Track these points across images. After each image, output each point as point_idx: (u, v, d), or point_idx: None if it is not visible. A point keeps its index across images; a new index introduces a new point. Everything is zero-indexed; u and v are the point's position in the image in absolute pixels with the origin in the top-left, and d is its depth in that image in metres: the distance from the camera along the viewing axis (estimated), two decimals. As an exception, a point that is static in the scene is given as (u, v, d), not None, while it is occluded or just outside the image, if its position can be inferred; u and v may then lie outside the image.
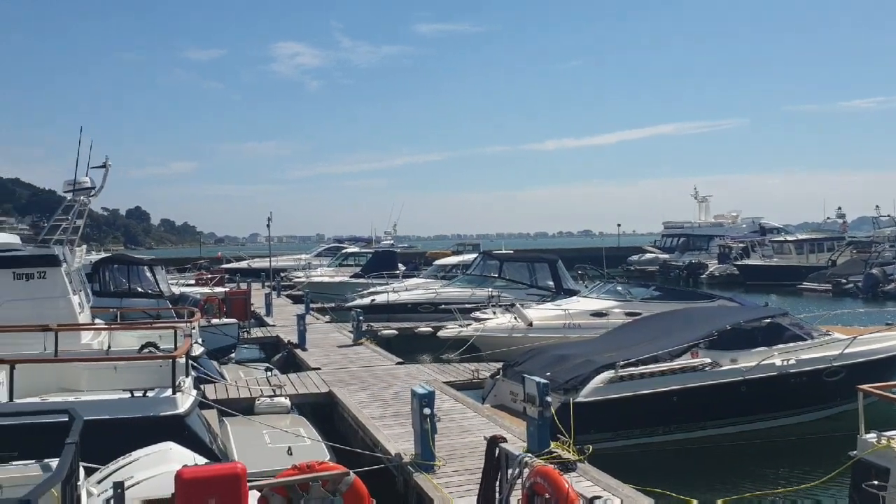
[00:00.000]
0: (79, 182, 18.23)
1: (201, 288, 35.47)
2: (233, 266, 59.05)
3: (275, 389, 16.00)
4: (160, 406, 10.81)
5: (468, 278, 33.88)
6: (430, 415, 10.28)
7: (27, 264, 14.83)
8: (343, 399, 15.36)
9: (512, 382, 14.79)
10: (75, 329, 14.79)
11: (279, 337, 26.22)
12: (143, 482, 7.00)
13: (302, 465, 6.59)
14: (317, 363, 20.10)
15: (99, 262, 24.61)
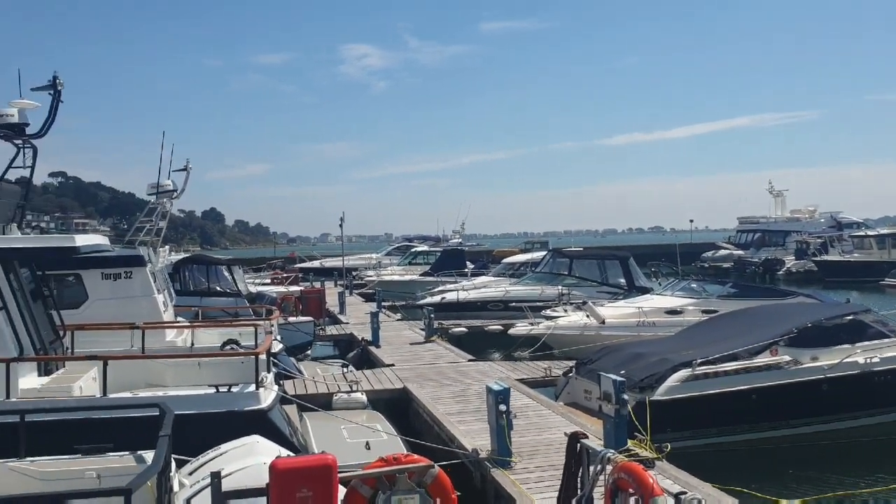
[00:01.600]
0: (161, 185, 18.92)
1: (277, 287, 36.31)
2: (306, 265, 60.21)
3: (351, 385, 16.30)
4: (244, 401, 11.16)
5: (537, 276, 33.78)
6: (505, 411, 10.35)
7: (114, 264, 15.46)
8: (418, 395, 15.57)
9: (586, 380, 14.75)
10: (160, 327, 15.37)
11: (353, 334, 26.66)
12: (233, 474, 7.25)
13: (388, 458, 6.76)
14: (390, 360, 20.39)
15: (180, 262, 25.44)
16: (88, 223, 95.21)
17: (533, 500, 9.17)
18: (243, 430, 9.16)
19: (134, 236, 19.33)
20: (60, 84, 12.84)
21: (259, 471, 7.19)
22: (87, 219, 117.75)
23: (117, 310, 15.09)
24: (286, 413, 12.67)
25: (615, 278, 31.61)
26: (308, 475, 5.76)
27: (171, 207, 19.64)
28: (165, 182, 19.29)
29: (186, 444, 8.57)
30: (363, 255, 67.20)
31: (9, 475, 7.53)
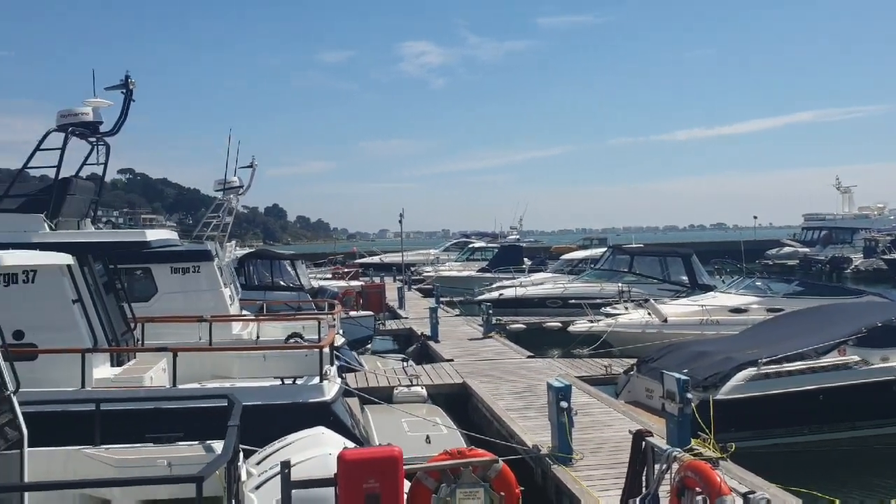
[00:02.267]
0: (228, 182, 19.36)
1: (338, 282, 36.76)
2: (366, 261, 60.82)
3: (411, 379, 16.46)
4: (308, 393, 11.38)
5: (597, 273, 33.48)
6: (567, 408, 10.34)
7: (183, 259, 15.91)
8: (477, 390, 15.63)
9: (647, 379, 14.60)
10: (227, 320, 15.75)
11: (412, 329, 26.87)
12: (300, 464, 7.40)
13: (453, 451, 6.84)
14: (449, 355, 20.50)
15: (244, 257, 25.96)
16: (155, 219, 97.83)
17: (596, 498, 9.15)
18: (308, 422, 9.35)
19: (201, 231, 19.84)
20: (132, 83, 13.27)
21: (325, 462, 7.33)
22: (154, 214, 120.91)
23: (185, 303, 15.52)
24: (349, 405, 12.88)
25: (677, 276, 31.12)
26: (375, 466, 5.87)
27: (237, 203, 20.10)
28: (232, 179, 19.75)
29: (252, 435, 8.77)
30: (421, 251, 67.60)
31: (85, 461, 7.83)
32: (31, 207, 12.18)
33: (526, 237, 79.31)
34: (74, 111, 12.69)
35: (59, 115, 12.67)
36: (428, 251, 66.81)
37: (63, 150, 12.53)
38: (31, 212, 12.09)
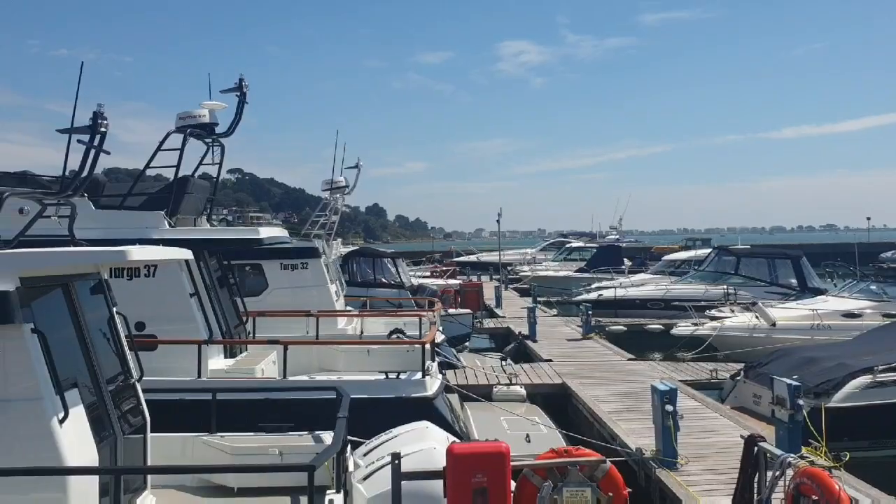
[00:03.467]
0: (335, 181, 19.89)
1: (436, 280, 37.15)
2: (463, 259, 61.20)
3: (510, 378, 16.51)
4: (411, 388, 11.60)
5: (701, 274, 32.67)
6: (672, 412, 10.17)
7: (292, 256, 16.45)
8: (577, 391, 15.54)
9: (755, 384, 14.19)
10: (333, 315, 16.20)
11: (509, 328, 26.89)
12: (406, 457, 7.56)
13: (560, 450, 6.87)
14: (548, 355, 20.44)
15: (348, 255, 26.59)
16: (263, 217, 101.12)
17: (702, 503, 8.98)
18: (410, 416, 9.53)
19: (309, 229, 20.46)
20: (246, 86, 13.82)
21: (430, 455, 7.47)
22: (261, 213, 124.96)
23: (293, 298, 16.04)
24: (449, 401, 13.04)
25: (785, 278, 30.06)
26: (483, 461, 5.95)
27: (343, 203, 20.62)
28: (338, 179, 20.30)
29: (357, 427, 9.01)
30: (518, 251, 67.47)
31: (202, 447, 8.23)
32: (153, 205, 12.85)
33: (626, 237, 77.85)
34: (192, 113, 13.32)
35: (178, 117, 13.32)
36: (525, 250, 66.65)
37: (182, 150, 13.18)
38: (152, 209, 12.76)
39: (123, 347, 7.64)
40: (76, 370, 6.63)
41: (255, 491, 7.71)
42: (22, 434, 5.93)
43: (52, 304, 6.68)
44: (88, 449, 6.31)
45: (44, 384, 5.99)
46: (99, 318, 7.35)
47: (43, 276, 6.53)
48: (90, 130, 6.86)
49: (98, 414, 6.72)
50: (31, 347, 5.98)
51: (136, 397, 7.64)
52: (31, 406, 5.95)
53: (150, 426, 7.69)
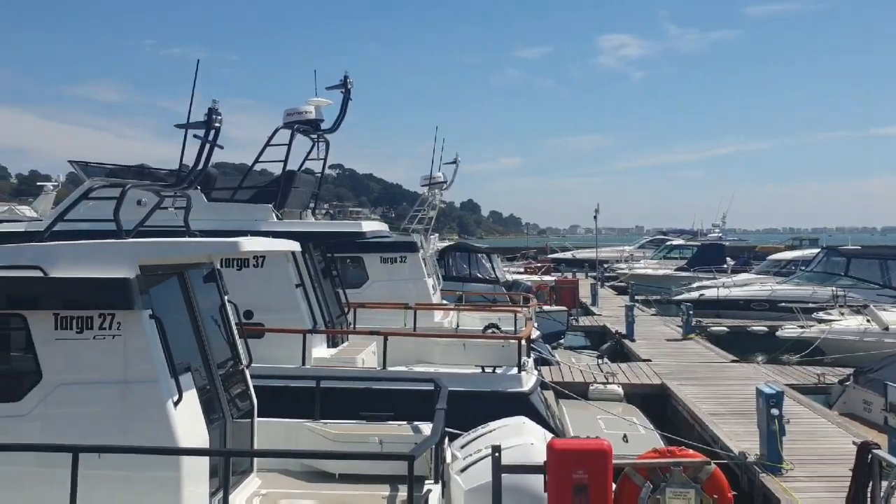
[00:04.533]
0: (433, 177, 20.12)
1: (531, 276, 37.02)
2: (558, 256, 60.72)
3: (607, 377, 16.32)
4: (507, 383, 11.64)
5: (808, 275, 31.42)
6: (778, 416, 9.87)
7: (392, 249, 16.77)
8: (677, 392, 15.23)
9: (866, 390, 13.59)
10: (430, 308, 16.41)
11: (606, 326, 26.56)
12: (504, 451, 7.60)
13: (663, 450, 6.77)
14: (646, 354, 20.09)
15: (444, 250, 26.86)
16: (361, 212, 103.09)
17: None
18: (506, 411, 9.56)
19: (407, 224, 20.79)
20: (350, 83, 14.11)
21: (527, 451, 7.49)
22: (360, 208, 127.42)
23: (392, 291, 16.34)
24: (545, 397, 13.01)
25: (899, 280, 28.57)
26: (584, 458, 5.93)
27: (440, 198, 20.84)
28: (437, 174, 20.53)
29: (453, 419, 9.09)
30: (615, 248, 66.46)
31: (306, 433, 8.48)
32: (261, 198, 13.29)
33: (728, 235, 75.63)
34: (299, 110, 13.69)
35: (286, 113, 13.71)
36: (622, 248, 65.57)
37: (289, 146, 13.56)
38: (260, 203, 13.21)
39: (234, 334, 7.95)
40: (190, 355, 6.96)
41: (355, 478, 7.89)
42: (139, 415, 6.27)
43: (168, 291, 7.03)
44: (200, 431, 6.60)
45: (160, 368, 6.31)
46: (211, 306, 7.68)
47: (160, 264, 6.88)
48: (205, 126, 7.16)
49: (209, 397, 7.03)
50: (148, 332, 6.31)
51: (244, 383, 7.94)
52: (148, 388, 6.27)
53: (257, 411, 8.00)
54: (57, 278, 6.29)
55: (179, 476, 6.18)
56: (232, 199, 13.21)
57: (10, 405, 6.34)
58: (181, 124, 7.12)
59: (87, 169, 13.08)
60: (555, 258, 57.94)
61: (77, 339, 6.27)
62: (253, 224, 12.11)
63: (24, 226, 14.01)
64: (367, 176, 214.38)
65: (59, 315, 6.28)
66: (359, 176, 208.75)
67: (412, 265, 16.76)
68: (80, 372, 6.29)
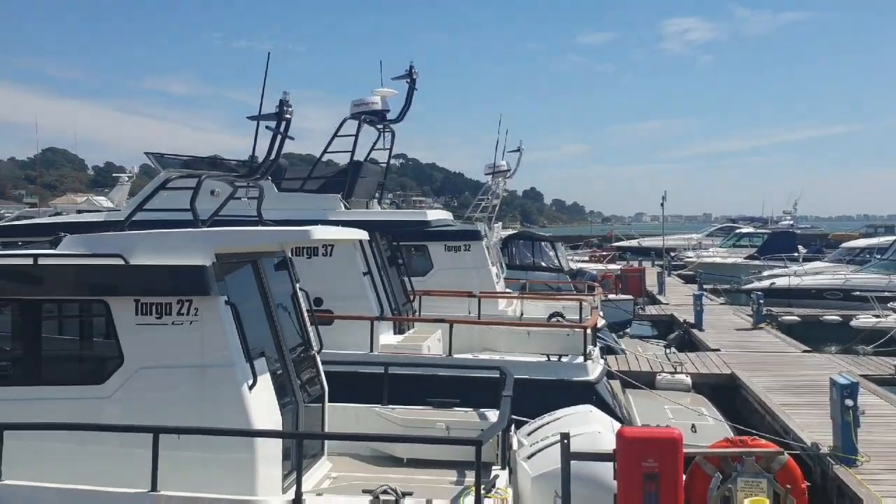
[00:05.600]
0: (497, 165, 20.11)
1: (595, 264, 36.72)
2: (623, 244, 60.00)
3: (675, 367, 16.12)
4: (573, 371, 11.62)
5: (884, 263, 30.41)
6: (852, 407, 9.63)
7: (456, 238, 16.85)
8: (748, 382, 14.96)
9: (947, 382, 13.12)
10: (494, 297, 16.46)
11: (673, 315, 26.19)
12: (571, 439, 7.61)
13: (735, 440, 6.70)
14: (715, 344, 19.77)
15: (507, 238, 26.83)
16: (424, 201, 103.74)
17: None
18: (571, 400, 9.56)
19: (471, 213, 20.85)
20: (416, 73, 14.21)
21: (594, 439, 7.48)
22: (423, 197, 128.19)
23: (456, 279, 16.44)
24: (611, 387, 12.94)
25: (982, 269, 27.44)
26: (655, 446, 5.91)
27: (504, 186, 20.81)
28: (500, 162, 20.52)
29: (518, 407, 9.11)
30: (682, 236, 65.35)
31: (374, 418, 8.64)
32: (329, 188, 13.52)
33: (800, 223, 73.54)
34: (366, 100, 13.85)
35: (353, 104, 13.89)
36: (690, 235, 64.43)
37: (357, 136, 13.75)
38: (329, 192, 13.43)
39: (305, 321, 8.15)
40: (263, 341, 7.16)
41: (422, 462, 8.01)
42: (215, 398, 6.48)
43: (242, 279, 7.24)
44: (273, 415, 6.80)
45: (235, 353, 6.52)
46: (283, 293, 7.88)
47: (235, 253, 7.09)
48: (276, 117, 7.31)
49: (282, 382, 7.23)
50: (224, 318, 6.51)
51: (315, 368, 8.13)
52: (224, 373, 6.49)
53: (327, 396, 8.18)
54: (137, 266, 6.54)
55: (254, 458, 6.37)
56: (301, 189, 13.46)
57: (94, 387, 6.63)
58: (253, 116, 7.28)
59: (162, 160, 13.48)
60: (620, 246, 57.24)
61: (156, 325, 6.51)
62: (321, 213, 12.31)
63: (104, 215, 14.54)
64: (430, 165, 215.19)
65: (139, 301, 6.54)
66: (422, 165, 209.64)
67: (476, 254, 16.81)
68: (159, 356, 6.53)
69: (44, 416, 6.42)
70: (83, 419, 6.41)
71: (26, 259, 6.85)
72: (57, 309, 7.21)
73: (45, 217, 21.43)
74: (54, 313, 7.24)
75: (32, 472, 6.24)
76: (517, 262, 25.32)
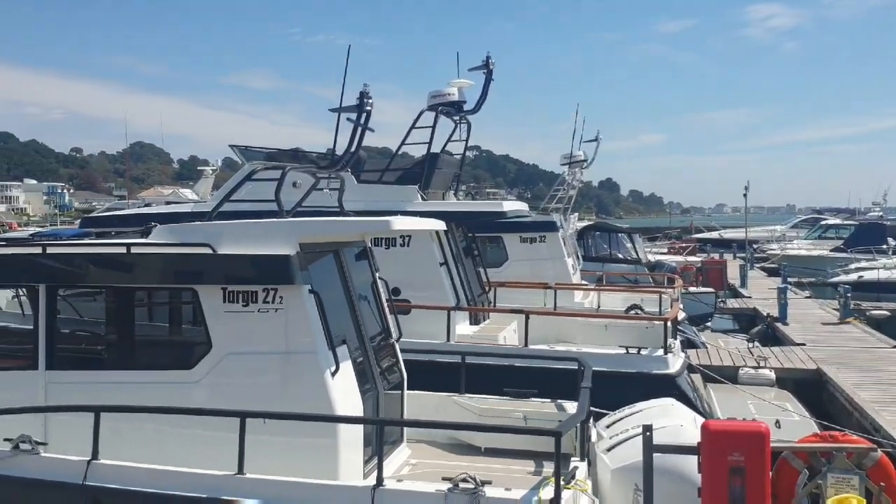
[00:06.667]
0: (574, 155, 19.93)
1: (674, 256, 36.02)
2: (703, 236, 58.67)
3: (758, 361, 15.70)
4: (653, 364, 11.45)
5: (981, 256, 28.97)
6: (949, 404, 9.20)
7: (531, 229, 16.77)
8: (834, 378, 14.48)
9: None
10: (570, 288, 16.33)
11: (756, 309, 25.50)
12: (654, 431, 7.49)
13: (824, 435, 6.50)
14: (800, 339, 19.16)
15: (583, 230, 26.52)
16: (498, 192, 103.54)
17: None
18: (651, 393, 9.39)
19: (547, 204, 20.72)
20: (492, 64, 14.19)
21: (676, 432, 7.34)
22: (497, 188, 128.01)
23: (531, 270, 16.37)
24: (692, 380, 12.70)
25: None
26: (741, 440, 5.77)
27: (581, 177, 20.60)
28: (577, 153, 20.32)
29: (596, 399, 9.04)
30: (765, 227, 63.51)
31: (452, 406, 8.69)
32: (407, 180, 13.66)
33: (889, 214, 70.54)
34: (442, 92, 13.92)
35: (430, 96, 13.98)
36: (773, 227, 62.55)
37: (434, 128, 13.85)
38: (406, 184, 13.57)
39: (385, 309, 8.25)
40: (345, 329, 7.28)
41: (499, 452, 8.03)
42: (299, 384, 6.64)
43: (325, 268, 7.38)
44: (355, 401, 6.92)
45: (319, 340, 6.66)
46: (363, 282, 8.01)
47: (318, 242, 7.23)
48: (357, 109, 7.41)
49: (362, 369, 7.35)
50: (308, 306, 6.65)
51: (394, 356, 8.24)
52: (308, 359, 6.63)
53: (406, 383, 8.27)
54: (225, 255, 6.73)
55: (336, 443, 6.50)
56: (380, 180, 13.63)
57: (184, 372, 6.87)
58: (335, 108, 7.40)
59: (246, 153, 13.83)
60: (700, 238, 55.99)
61: (243, 312, 6.70)
62: (399, 205, 12.44)
63: (191, 206, 15.01)
64: (504, 157, 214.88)
65: (226, 289, 6.73)
66: (495, 157, 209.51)
67: (551, 245, 16.69)
68: (245, 343, 6.72)
69: (136, 398, 6.69)
70: (172, 402, 6.65)
71: (120, 248, 7.14)
72: (148, 296, 7.51)
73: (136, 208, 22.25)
74: (146, 300, 7.54)
75: (125, 452, 6.50)
76: (593, 254, 25.03)
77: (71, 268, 7.22)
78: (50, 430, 6.86)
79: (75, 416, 6.64)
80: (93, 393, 6.82)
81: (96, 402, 6.58)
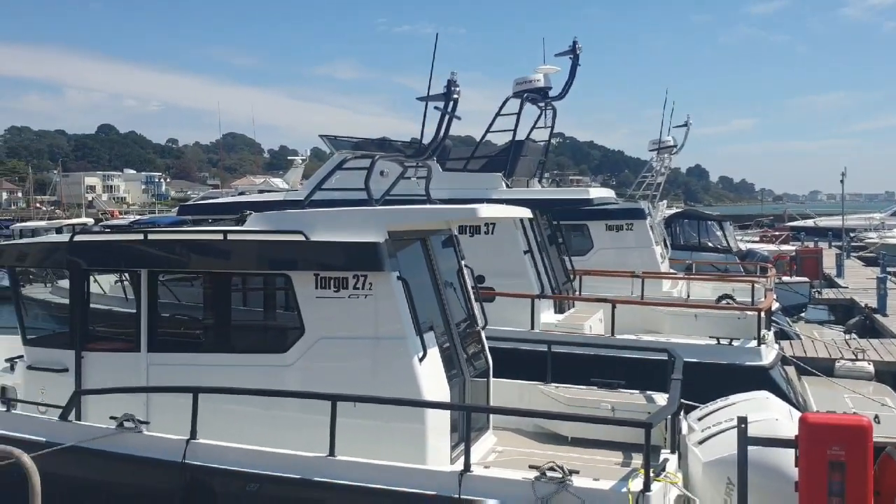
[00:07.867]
0: (662, 141, 19.51)
1: (767, 245, 34.93)
2: (797, 224, 56.66)
3: (855, 353, 15.08)
4: (745, 356, 11.16)
5: None
6: None
7: (617, 217, 16.51)
8: (939, 373, 13.80)
9: None
10: (658, 277, 16.02)
11: (853, 300, 24.47)
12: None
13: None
14: (901, 331, 18.31)
15: (671, 217, 25.96)
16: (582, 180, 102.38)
17: None
18: (743, 385, 9.14)
19: (634, 191, 20.38)
20: (579, 49, 14.00)
21: (771, 426, 7.12)
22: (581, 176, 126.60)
23: (617, 259, 16.13)
24: (786, 373, 12.33)
25: None
26: (841, 434, 5.58)
27: (669, 163, 20.16)
28: (666, 139, 19.89)
29: (687, 391, 8.85)
30: (862, 215, 60.85)
31: (538, 395, 8.66)
32: (492, 167, 13.64)
33: None
34: (528, 78, 13.83)
35: (515, 82, 13.92)
36: (871, 215, 59.88)
37: (519, 115, 13.78)
38: (491, 171, 13.55)
39: (470, 297, 8.29)
40: (432, 315, 7.36)
41: (586, 442, 7.96)
42: (388, 369, 6.75)
43: (412, 255, 7.46)
44: (442, 387, 6.99)
45: (407, 326, 6.75)
46: (449, 270, 8.06)
47: (406, 230, 7.31)
48: (444, 98, 7.44)
49: (449, 355, 7.41)
50: (396, 293, 6.75)
51: (480, 343, 8.27)
52: (397, 345, 6.74)
53: (492, 370, 8.29)
54: (317, 242, 6.89)
55: (424, 428, 6.58)
56: (465, 168, 13.65)
57: (278, 356, 7.08)
58: (422, 97, 7.45)
59: (335, 142, 14.06)
60: (794, 226, 54.07)
61: (334, 298, 6.85)
62: (484, 192, 12.46)
63: (283, 195, 15.38)
64: (588, 143, 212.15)
65: (318, 275, 6.89)
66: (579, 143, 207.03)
67: (639, 233, 16.39)
68: (337, 327, 6.87)
69: (231, 381, 6.92)
70: (266, 385, 6.86)
71: (216, 235, 7.39)
72: (243, 282, 7.75)
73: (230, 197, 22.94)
74: (241, 286, 7.78)
75: (221, 432, 6.74)
76: (682, 242, 24.47)
77: (171, 254, 7.51)
78: (151, 410, 7.17)
79: (175, 397, 6.93)
80: (191, 374, 7.09)
81: (194, 383, 6.84)
